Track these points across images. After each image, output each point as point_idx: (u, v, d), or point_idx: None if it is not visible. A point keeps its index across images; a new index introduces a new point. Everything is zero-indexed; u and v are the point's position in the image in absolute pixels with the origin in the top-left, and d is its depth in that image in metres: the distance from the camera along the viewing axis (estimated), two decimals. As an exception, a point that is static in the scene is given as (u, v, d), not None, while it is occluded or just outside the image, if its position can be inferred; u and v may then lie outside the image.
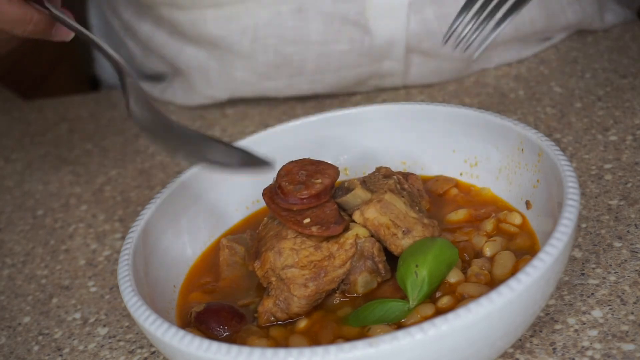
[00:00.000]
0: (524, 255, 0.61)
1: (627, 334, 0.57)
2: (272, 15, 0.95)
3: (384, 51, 0.96)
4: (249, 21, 0.96)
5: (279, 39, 0.96)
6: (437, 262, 0.57)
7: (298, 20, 0.95)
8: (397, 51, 0.96)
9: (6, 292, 0.79)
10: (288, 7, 0.95)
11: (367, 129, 0.76)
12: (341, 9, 0.94)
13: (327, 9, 0.94)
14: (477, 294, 0.57)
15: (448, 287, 0.58)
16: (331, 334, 0.58)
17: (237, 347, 0.49)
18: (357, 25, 0.94)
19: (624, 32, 1.02)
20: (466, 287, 0.58)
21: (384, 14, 0.94)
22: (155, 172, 0.95)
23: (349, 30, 0.95)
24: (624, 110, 0.85)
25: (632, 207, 0.70)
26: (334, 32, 0.95)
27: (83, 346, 0.69)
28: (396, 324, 0.56)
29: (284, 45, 0.97)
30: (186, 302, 0.65)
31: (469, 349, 0.50)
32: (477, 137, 0.71)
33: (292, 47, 0.97)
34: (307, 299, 0.60)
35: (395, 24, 0.94)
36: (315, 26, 0.95)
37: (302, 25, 0.95)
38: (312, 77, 0.99)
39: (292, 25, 0.95)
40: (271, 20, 0.96)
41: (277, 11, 0.95)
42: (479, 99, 0.95)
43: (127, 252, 0.61)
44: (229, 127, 1.02)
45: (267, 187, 0.65)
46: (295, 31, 0.96)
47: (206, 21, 0.98)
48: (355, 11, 0.94)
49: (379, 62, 0.97)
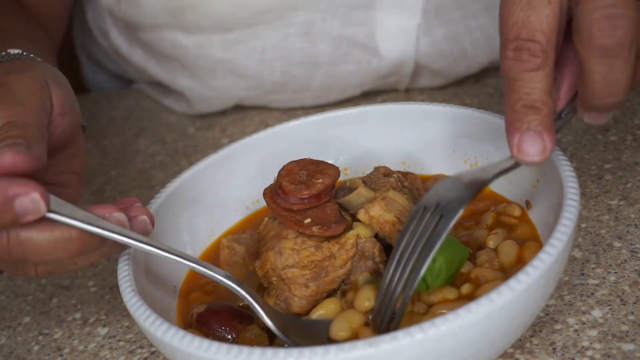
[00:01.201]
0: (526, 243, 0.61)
1: (627, 334, 0.57)
2: (280, 37, 0.93)
3: (392, 71, 0.95)
4: (256, 44, 0.94)
5: (286, 61, 0.95)
6: (451, 249, 0.58)
7: (306, 42, 0.93)
8: (405, 70, 0.95)
9: (6, 292, 0.79)
10: (296, 30, 0.93)
11: (367, 129, 0.76)
12: (350, 32, 0.92)
13: (335, 32, 0.92)
14: (492, 277, 0.58)
15: (464, 277, 0.59)
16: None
17: (237, 347, 0.49)
18: (365, 47, 0.93)
19: (624, 32, 1.02)
20: (480, 271, 0.58)
21: (393, 36, 0.92)
22: (155, 172, 0.95)
23: (357, 52, 0.94)
24: (624, 110, 0.85)
25: (632, 207, 0.70)
26: (342, 54, 0.94)
27: (83, 346, 0.69)
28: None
29: (290, 66, 0.95)
30: (187, 302, 0.65)
31: (469, 349, 0.50)
32: (477, 137, 0.71)
33: (299, 68, 0.95)
34: (308, 299, 0.60)
35: (404, 45, 0.93)
36: (324, 48, 0.94)
37: (310, 47, 0.94)
38: (317, 94, 0.98)
39: (300, 47, 0.94)
40: (279, 43, 0.94)
41: (286, 33, 0.93)
42: (479, 99, 0.95)
43: (127, 252, 0.61)
44: (229, 127, 1.02)
45: (267, 187, 0.65)
46: (303, 52, 0.94)
47: (212, 45, 0.95)
48: (365, 34, 0.92)
49: (385, 78, 0.97)
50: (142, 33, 1.00)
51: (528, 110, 0.55)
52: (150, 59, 1.03)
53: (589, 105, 0.56)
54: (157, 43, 0.99)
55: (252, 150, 0.75)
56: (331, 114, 0.76)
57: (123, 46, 1.05)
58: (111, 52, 1.10)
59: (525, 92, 0.55)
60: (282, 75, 0.96)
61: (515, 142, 0.55)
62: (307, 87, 0.97)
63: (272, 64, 0.95)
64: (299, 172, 0.63)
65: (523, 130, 0.54)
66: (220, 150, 0.74)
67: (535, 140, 0.55)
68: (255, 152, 0.75)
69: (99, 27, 1.08)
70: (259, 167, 0.75)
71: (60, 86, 0.63)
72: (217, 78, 0.98)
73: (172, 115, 1.07)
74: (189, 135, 1.02)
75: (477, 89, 0.98)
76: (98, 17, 1.07)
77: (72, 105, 0.64)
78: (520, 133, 0.55)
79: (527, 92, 0.55)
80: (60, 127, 0.62)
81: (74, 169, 0.67)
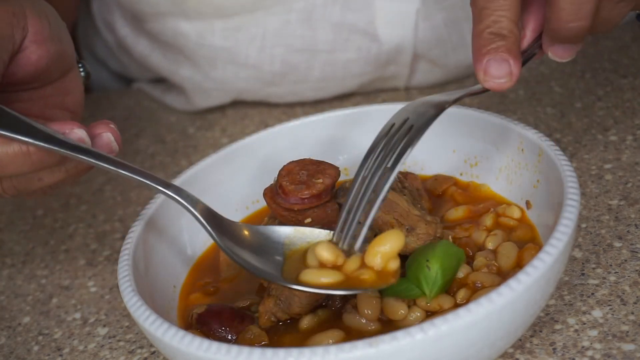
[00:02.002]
0: (525, 245, 0.61)
1: (628, 334, 0.57)
2: (281, 24, 0.94)
3: (391, 58, 0.96)
4: (256, 30, 0.95)
5: (286, 48, 0.95)
6: (446, 255, 0.58)
7: (307, 29, 0.94)
8: (404, 58, 0.95)
9: (6, 292, 0.79)
10: (297, 16, 0.93)
11: (367, 129, 0.75)
12: (350, 18, 0.93)
13: (335, 18, 0.93)
14: (489, 282, 0.58)
15: (460, 282, 0.59)
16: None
17: (237, 347, 0.49)
18: (365, 33, 0.94)
19: (624, 32, 1.02)
20: (477, 276, 0.58)
21: (392, 21, 0.93)
22: (155, 171, 0.95)
23: (357, 39, 0.94)
24: (624, 110, 0.85)
25: (632, 207, 0.70)
26: (342, 41, 0.94)
27: (83, 346, 0.69)
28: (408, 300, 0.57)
29: (290, 54, 0.95)
30: (187, 303, 0.65)
31: (469, 349, 0.50)
32: (477, 137, 0.71)
33: (299, 56, 0.96)
34: (309, 298, 0.60)
35: (403, 31, 0.93)
36: (324, 35, 0.94)
37: (311, 34, 0.94)
38: (317, 85, 0.99)
39: (301, 34, 0.94)
40: (279, 29, 0.94)
41: (286, 20, 0.93)
42: (479, 99, 0.95)
43: (127, 252, 0.61)
44: (229, 127, 1.02)
45: (267, 187, 0.65)
46: (304, 40, 0.94)
47: (213, 32, 0.96)
48: (365, 20, 0.93)
49: (384, 67, 0.97)
50: (146, 23, 1.01)
51: (495, 37, 0.57)
52: (154, 49, 1.04)
53: (555, 32, 0.57)
54: (161, 32, 1.00)
55: (252, 150, 0.75)
56: (331, 114, 0.76)
57: (128, 37, 1.06)
58: (115, 47, 1.11)
59: (492, 20, 0.57)
60: (282, 64, 0.96)
61: (482, 67, 0.57)
62: (307, 78, 0.97)
63: (272, 52, 0.96)
64: (299, 172, 0.63)
65: (490, 55, 0.56)
66: (220, 150, 0.74)
67: (501, 65, 0.56)
68: (255, 152, 0.75)
69: (104, 19, 1.09)
70: (259, 167, 0.75)
71: (39, 15, 0.63)
72: (217, 68, 0.99)
73: (172, 115, 1.07)
74: (189, 135, 1.02)
75: (477, 89, 0.98)
76: (104, 9, 1.08)
77: (52, 36, 0.64)
78: (486, 58, 0.56)
79: (494, 20, 0.57)
80: (35, 55, 0.63)
81: (67, 106, 0.68)
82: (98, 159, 0.57)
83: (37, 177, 0.60)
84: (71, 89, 0.69)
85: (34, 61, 0.63)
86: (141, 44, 1.05)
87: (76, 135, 0.58)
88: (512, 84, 0.56)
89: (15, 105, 0.66)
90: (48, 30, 0.64)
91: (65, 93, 0.68)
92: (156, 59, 1.04)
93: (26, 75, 0.64)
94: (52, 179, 0.60)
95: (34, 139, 0.56)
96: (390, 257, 0.55)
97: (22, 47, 0.63)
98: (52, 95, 0.67)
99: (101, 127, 0.61)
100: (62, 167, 0.60)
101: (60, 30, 0.66)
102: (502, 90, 0.57)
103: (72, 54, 0.68)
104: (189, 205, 0.60)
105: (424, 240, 0.60)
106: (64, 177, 0.61)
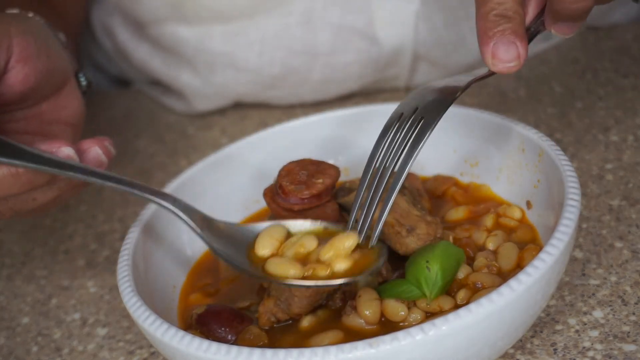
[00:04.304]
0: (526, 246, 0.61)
1: (629, 334, 0.57)
2: (280, 27, 0.93)
3: (391, 59, 0.95)
4: (256, 35, 0.94)
5: (286, 51, 0.95)
6: (446, 256, 0.58)
7: (306, 31, 0.94)
8: (403, 59, 0.95)
9: (5, 293, 0.79)
10: (296, 19, 0.93)
11: (367, 129, 0.75)
12: (349, 20, 0.93)
13: (335, 20, 0.93)
14: (489, 282, 0.58)
15: (460, 282, 0.58)
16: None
17: (237, 348, 0.49)
18: (365, 35, 0.93)
19: (626, 32, 1.02)
20: (478, 276, 0.58)
21: (392, 23, 0.92)
22: (155, 172, 0.95)
23: (356, 41, 0.94)
24: (625, 110, 0.85)
25: (633, 207, 0.70)
26: (341, 43, 0.94)
27: (82, 347, 0.69)
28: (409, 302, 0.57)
29: (290, 57, 0.95)
30: (187, 304, 0.65)
31: (470, 350, 0.50)
32: (477, 137, 0.71)
33: (299, 58, 0.95)
34: (308, 299, 0.59)
35: (403, 32, 0.93)
36: (324, 37, 0.94)
37: (310, 37, 0.94)
38: (316, 87, 0.98)
39: (300, 37, 0.94)
40: (279, 33, 0.94)
41: (286, 23, 0.93)
42: (479, 99, 0.95)
43: (126, 252, 0.61)
44: (229, 127, 1.02)
45: (267, 187, 0.64)
46: (303, 42, 0.94)
47: (212, 37, 0.95)
48: (364, 22, 0.93)
49: (384, 69, 0.97)
50: (146, 29, 1.00)
51: (500, 19, 0.56)
52: (155, 55, 1.03)
53: (558, 11, 0.57)
54: (161, 38, 0.99)
55: (252, 150, 0.75)
56: (331, 114, 0.76)
57: (128, 42, 1.05)
58: (114, 53, 1.10)
59: (497, 2, 0.56)
60: (281, 67, 0.96)
61: (490, 50, 0.56)
62: (307, 80, 0.97)
63: (271, 55, 0.95)
64: (299, 172, 0.63)
65: (497, 38, 0.56)
66: (220, 150, 0.74)
67: (509, 47, 0.56)
68: (255, 152, 0.75)
69: (104, 26, 1.09)
70: (259, 167, 0.75)
71: (24, 33, 0.63)
72: (216, 73, 0.98)
73: (172, 116, 1.07)
74: (188, 135, 1.02)
75: (477, 88, 0.97)
76: (104, 15, 1.08)
77: (39, 53, 0.63)
78: (493, 41, 0.56)
79: (498, 2, 0.56)
80: (21, 74, 0.62)
81: (66, 120, 0.68)
82: (87, 175, 0.58)
83: (31, 198, 0.60)
84: (68, 102, 0.68)
85: (21, 80, 0.62)
86: (141, 49, 1.04)
87: (63, 153, 0.58)
88: (521, 67, 0.56)
89: (11, 125, 0.65)
90: (34, 47, 0.63)
91: (62, 108, 0.67)
92: (156, 64, 1.04)
93: (15, 95, 0.63)
94: (46, 197, 0.60)
95: (21, 160, 0.56)
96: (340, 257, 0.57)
97: (8, 68, 0.62)
98: (48, 111, 0.67)
99: (89, 142, 0.61)
100: (53, 185, 0.60)
101: (49, 47, 0.65)
102: (510, 73, 0.57)
103: (64, 68, 0.67)
104: (183, 214, 0.60)
105: (424, 241, 0.60)
106: (58, 195, 0.60)
